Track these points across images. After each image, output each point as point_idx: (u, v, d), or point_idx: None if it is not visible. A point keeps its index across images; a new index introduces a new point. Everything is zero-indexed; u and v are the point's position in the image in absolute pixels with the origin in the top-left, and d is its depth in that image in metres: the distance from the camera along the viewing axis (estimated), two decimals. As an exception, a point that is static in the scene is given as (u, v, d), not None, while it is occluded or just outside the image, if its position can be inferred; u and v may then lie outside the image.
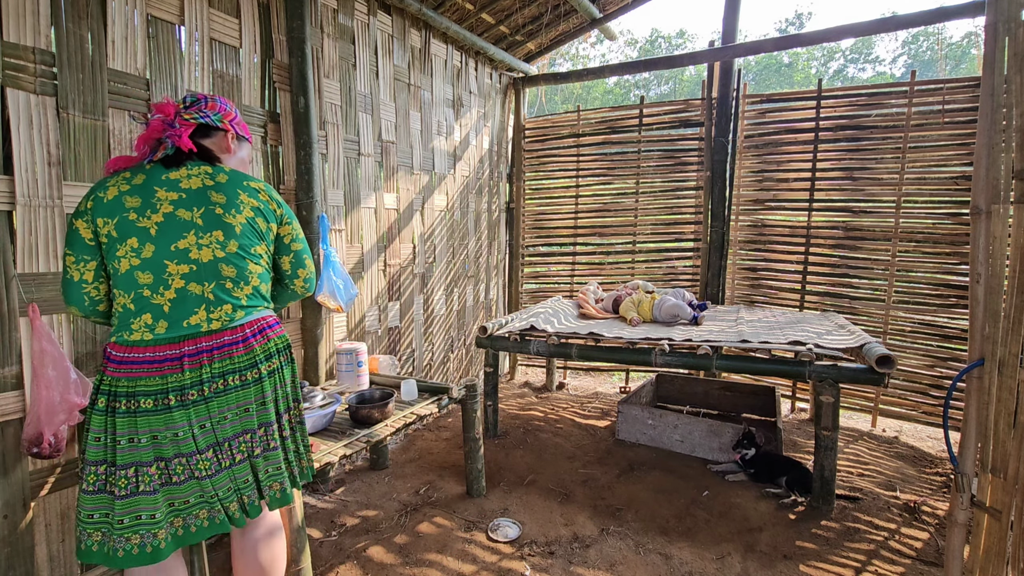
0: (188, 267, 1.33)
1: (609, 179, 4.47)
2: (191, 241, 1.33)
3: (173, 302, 1.32)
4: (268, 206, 1.47)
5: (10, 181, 1.58)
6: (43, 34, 1.65)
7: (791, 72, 23.53)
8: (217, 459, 1.34)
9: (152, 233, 1.31)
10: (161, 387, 1.28)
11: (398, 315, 3.35)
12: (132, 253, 1.30)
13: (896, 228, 3.46)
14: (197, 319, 1.33)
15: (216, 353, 1.34)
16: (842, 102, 3.62)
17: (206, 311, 1.34)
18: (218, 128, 1.48)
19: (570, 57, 15.13)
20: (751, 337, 2.70)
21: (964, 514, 1.58)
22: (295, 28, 2.45)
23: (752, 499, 2.58)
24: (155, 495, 1.28)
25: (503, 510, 2.48)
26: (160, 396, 1.28)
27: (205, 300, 1.34)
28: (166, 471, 1.30)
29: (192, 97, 1.46)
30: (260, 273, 1.45)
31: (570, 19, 4.12)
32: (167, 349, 1.30)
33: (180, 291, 1.32)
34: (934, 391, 3.40)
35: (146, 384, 1.28)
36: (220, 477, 1.35)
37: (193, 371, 1.31)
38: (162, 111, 1.41)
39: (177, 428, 1.29)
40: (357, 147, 2.94)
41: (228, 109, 1.51)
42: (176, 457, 1.30)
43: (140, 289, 1.30)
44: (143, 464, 1.27)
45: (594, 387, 4.57)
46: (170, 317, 1.31)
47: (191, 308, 1.33)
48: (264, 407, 1.40)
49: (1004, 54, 1.46)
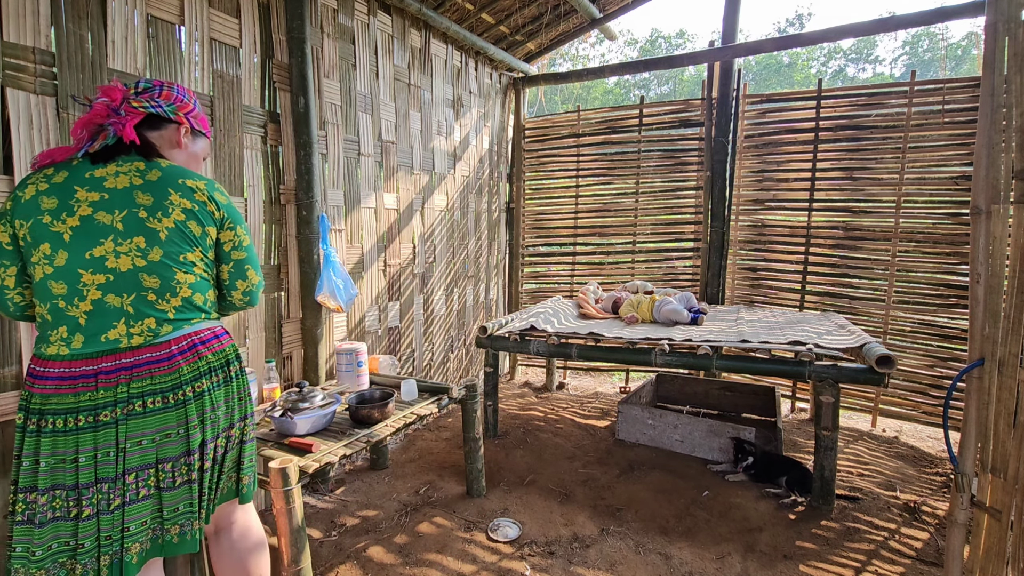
0: (104, 277, 1.21)
1: (609, 179, 4.47)
2: (108, 248, 1.21)
3: (89, 315, 1.21)
4: (205, 208, 1.31)
5: (10, 181, 1.58)
6: (43, 34, 1.65)
7: (791, 72, 23.53)
8: (111, 493, 1.19)
9: (66, 239, 1.19)
10: (73, 406, 1.18)
11: (398, 315, 3.35)
12: (45, 260, 1.19)
13: (896, 228, 3.46)
14: (116, 333, 1.21)
15: (136, 371, 1.21)
16: (842, 102, 3.62)
17: (126, 325, 1.22)
18: (170, 120, 1.34)
19: (570, 57, 15.14)
20: (751, 337, 2.70)
21: (964, 514, 1.58)
22: (295, 28, 2.45)
23: (752, 499, 2.58)
24: (68, 523, 1.18)
25: (503, 510, 2.48)
26: (71, 415, 1.17)
27: (124, 313, 1.22)
28: (78, 501, 1.18)
29: (146, 83, 1.33)
30: (193, 283, 1.31)
31: (570, 19, 4.12)
32: (83, 365, 1.19)
33: (97, 303, 1.21)
34: (934, 391, 3.40)
35: (57, 402, 1.18)
36: (114, 515, 1.20)
37: (108, 390, 1.19)
38: (108, 95, 1.28)
39: (86, 452, 1.18)
40: (357, 147, 2.94)
41: (185, 100, 1.37)
42: (93, 484, 1.19)
43: (55, 300, 1.20)
44: (60, 488, 1.18)
45: (594, 387, 4.57)
46: (87, 331, 1.20)
47: (109, 322, 1.21)
48: (188, 433, 1.26)
49: (1004, 54, 1.46)
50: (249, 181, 2.35)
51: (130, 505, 1.21)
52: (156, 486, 1.24)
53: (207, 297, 1.36)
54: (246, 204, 2.34)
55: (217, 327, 1.39)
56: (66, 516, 1.18)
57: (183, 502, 1.28)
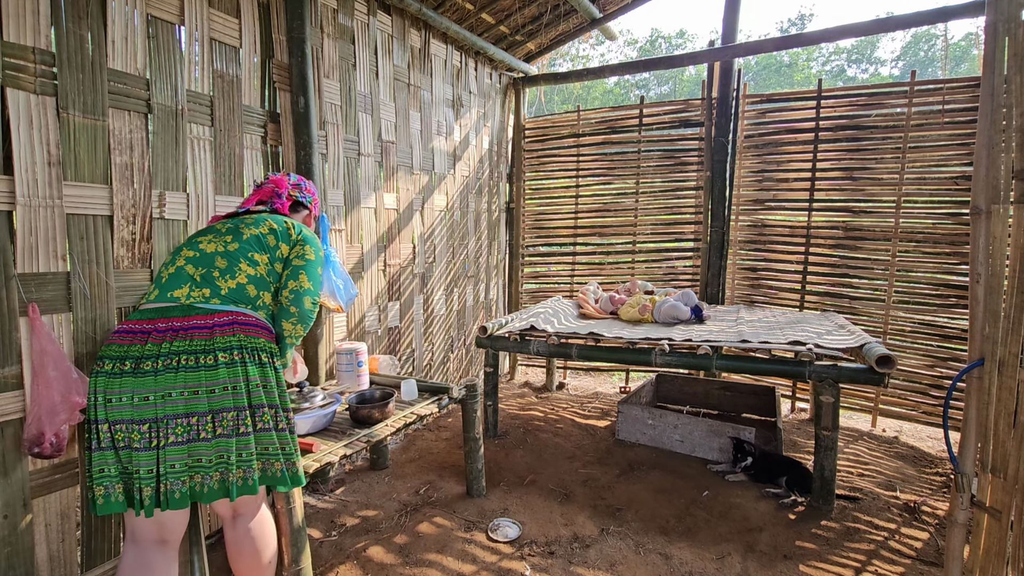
0: (194, 253, 1.57)
1: (609, 179, 4.47)
2: (207, 239, 1.60)
3: (171, 276, 1.53)
4: (287, 231, 1.69)
5: (10, 181, 1.58)
6: (43, 34, 1.65)
7: (791, 72, 23.52)
8: (150, 433, 1.40)
9: (195, 240, 1.61)
10: (122, 353, 1.41)
11: (398, 315, 3.35)
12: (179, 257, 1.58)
13: (896, 228, 3.46)
14: (179, 292, 1.50)
15: (180, 333, 1.44)
16: (842, 102, 3.62)
17: (188, 288, 1.50)
18: (306, 208, 1.94)
19: (570, 57, 15.14)
20: (751, 337, 2.70)
21: (964, 514, 1.58)
22: (295, 28, 2.45)
23: (752, 499, 2.58)
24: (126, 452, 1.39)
25: (503, 510, 2.48)
26: (118, 361, 1.40)
27: (192, 280, 1.52)
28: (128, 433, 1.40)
29: (296, 178, 1.92)
30: (251, 275, 1.58)
31: (570, 19, 4.12)
32: (143, 324, 1.46)
33: (179, 268, 1.54)
34: (934, 391, 3.40)
35: (116, 350, 1.42)
36: (155, 453, 1.40)
37: (154, 345, 1.42)
38: (277, 184, 1.86)
39: (125, 393, 1.38)
40: (357, 147, 2.94)
41: (316, 195, 1.99)
42: (130, 422, 1.39)
43: (160, 273, 1.56)
44: (116, 422, 1.39)
45: (594, 387, 4.57)
46: (164, 287, 1.51)
47: (179, 283, 1.51)
48: (222, 393, 1.43)
49: (1004, 54, 1.46)
50: (249, 181, 2.35)
51: (164, 448, 1.39)
52: (186, 435, 1.40)
53: (260, 294, 1.60)
54: (246, 204, 2.34)
55: (261, 320, 1.58)
56: (115, 445, 1.39)
57: (241, 451, 1.44)
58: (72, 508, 1.75)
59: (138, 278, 1.93)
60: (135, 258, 1.92)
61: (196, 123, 2.12)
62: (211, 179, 2.18)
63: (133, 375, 1.38)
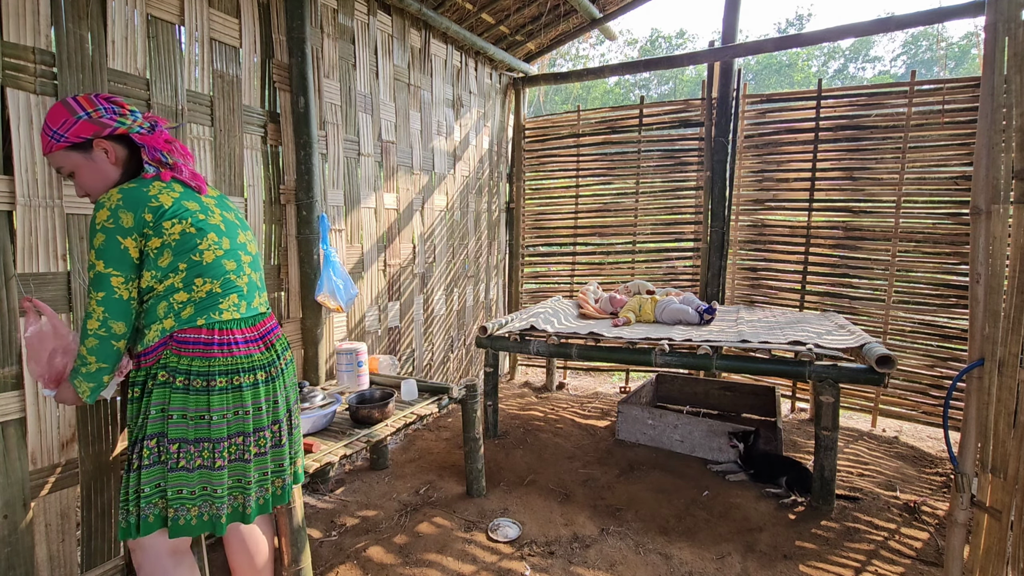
0: (250, 257, 1.53)
1: (609, 179, 4.47)
2: (243, 237, 1.53)
3: (247, 286, 1.48)
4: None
5: (10, 181, 1.58)
6: (43, 34, 1.65)
7: (791, 72, 23.51)
8: (279, 433, 1.46)
9: (223, 228, 1.45)
10: (251, 364, 1.41)
11: (398, 315, 3.35)
12: (215, 245, 1.40)
13: (896, 228, 3.46)
14: (257, 302, 1.51)
15: (275, 332, 1.53)
16: (842, 102, 3.62)
17: (258, 296, 1.53)
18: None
19: (570, 57, 15.15)
20: (751, 337, 2.70)
21: (964, 514, 1.58)
22: (295, 28, 2.45)
23: (752, 499, 2.58)
24: (248, 464, 1.39)
25: (503, 510, 2.47)
26: (249, 373, 1.40)
27: (258, 287, 1.54)
28: (242, 445, 1.39)
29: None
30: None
31: (570, 19, 4.12)
32: (253, 330, 1.46)
33: (249, 277, 1.50)
34: (934, 391, 3.40)
35: (245, 361, 1.40)
36: (275, 452, 1.46)
37: (269, 350, 1.48)
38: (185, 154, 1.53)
39: (264, 401, 1.42)
40: (357, 147, 2.94)
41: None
42: (256, 432, 1.41)
43: (227, 275, 1.43)
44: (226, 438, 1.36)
45: (594, 387, 4.57)
46: (248, 299, 1.48)
47: (254, 293, 1.51)
48: (287, 395, 1.52)
49: (1004, 54, 1.46)
50: (249, 181, 2.35)
51: (277, 448, 1.46)
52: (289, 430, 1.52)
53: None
54: (246, 204, 2.34)
55: None
56: (243, 457, 1.39)
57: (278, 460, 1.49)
58: (72, 508, 1.75)
59: (138, 278, 1.93)
60: (135, 258, 1.92)
61: (196, 123, 2.12)
62: (211, 179, 2.18)
63: (265, 384, 1.43)
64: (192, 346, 1.33)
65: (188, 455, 1.31)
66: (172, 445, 1.30)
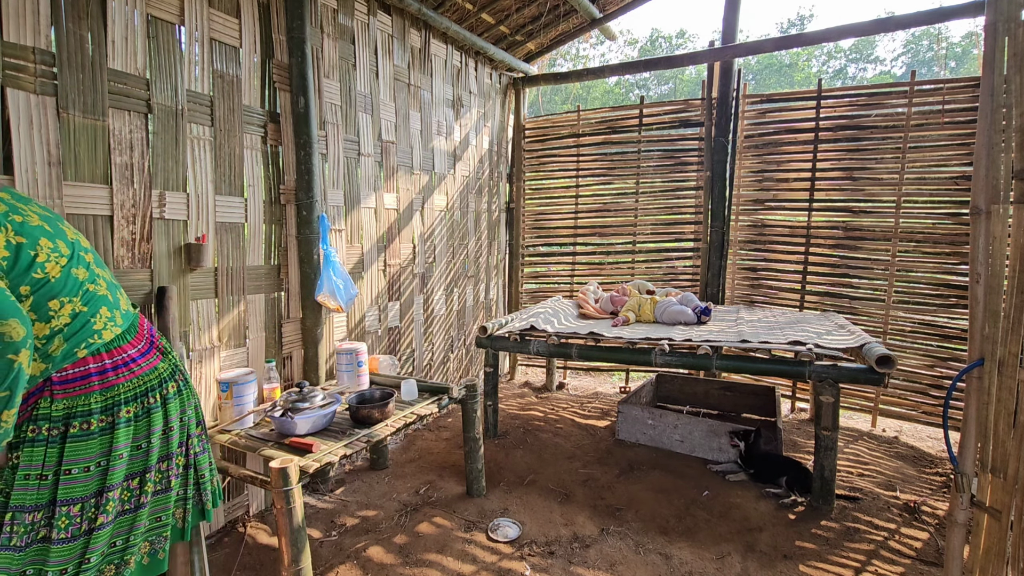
0: (91, 256, 1.25)
1: (609, 179, 4.47)
2: (71, 233, 1.24)
3: (108, 290, 1.23)
4: None
5: (10, 181, 1.58)
6: (43, 34, 1.65)
7: (791, 72, 23.51)
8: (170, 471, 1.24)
9: (48, 228, 1.14)
10: (149, 384, 1.20)
11: (398, 315, 3.35)
12: (53, 252, 1.10)
13: (896, 228, 3.46)
14: (125, 305, 1.28)
15: (153, 332, 1.28)
16: (842, 102, 3.62)
17: (123, 296, 1.31)
18: None
19: (570, 57, 15.15)
20: (751, 337, 2.70)
21: (964, 514, 1.58)
22: (295, 28, 2.45)
23: (752, 499, 2.58)
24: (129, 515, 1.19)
25: (503, 510, 2.47)
26: (143, 397, 1.20)
27: (116, 286, 1.29)
28: (138, 488, 1.19)
29: None
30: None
31: (570, 19, 4.12)
32: (138, 342, 1.22)
33: (105, 279, 1.25)
34: (934, 391, 3.40)
35: (136, 384, 1.18)
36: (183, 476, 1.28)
37: (165, 360, 1.24)
38: None
39: (158, 430, 1.20)
40: (357, 147, 2.94)
41: None
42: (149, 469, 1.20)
43: (83, 287, 1.15)
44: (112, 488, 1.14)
45: (594, 387, 4.57)
46: (117, 306, 1.22)
47: (116, 294, 1.27)
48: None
49: (1004, 54, 1.46)
50: (249, 181, 2.35)
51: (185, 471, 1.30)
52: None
53: None
54: (246, 204, 2.34)
55: None
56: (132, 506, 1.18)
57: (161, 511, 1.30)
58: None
59: (138, 278, 1.93)
60: (135, 258, 1.92)
61: (196, 123, 2.12)
62: (211, 179, 2.18)
63: (178, 395, 1.25)
64: (81, 382, 1.09)
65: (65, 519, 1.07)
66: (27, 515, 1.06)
